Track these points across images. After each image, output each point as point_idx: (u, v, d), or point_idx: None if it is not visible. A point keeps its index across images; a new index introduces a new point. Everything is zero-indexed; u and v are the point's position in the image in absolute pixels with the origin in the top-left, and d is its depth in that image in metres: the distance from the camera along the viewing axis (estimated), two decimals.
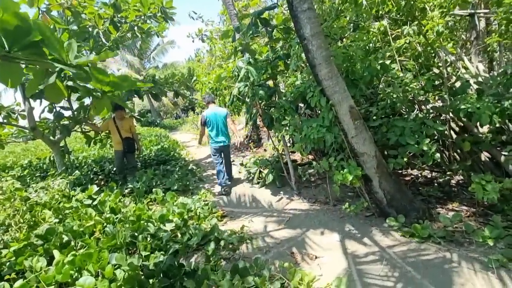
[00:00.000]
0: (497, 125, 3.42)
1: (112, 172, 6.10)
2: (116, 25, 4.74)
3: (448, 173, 3.90)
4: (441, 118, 3.84)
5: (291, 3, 2.79)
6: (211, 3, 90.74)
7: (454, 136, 3.92)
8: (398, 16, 4.19)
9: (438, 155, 3.09)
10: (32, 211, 3.70)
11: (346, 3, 4.49)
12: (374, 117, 3.76)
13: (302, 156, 5.67)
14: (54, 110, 5.63)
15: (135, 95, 5.30)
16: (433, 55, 4.27)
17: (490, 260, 2.31)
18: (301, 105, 5.20)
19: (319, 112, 4.72)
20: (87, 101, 5.81)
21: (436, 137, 3.75)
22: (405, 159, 3.29)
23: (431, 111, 3.79)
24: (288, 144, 5.58)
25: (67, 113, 5.71)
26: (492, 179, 2.80)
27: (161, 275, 2.41)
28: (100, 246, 2.85)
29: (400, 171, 4.53)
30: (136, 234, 3.11)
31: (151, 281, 2.34)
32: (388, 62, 3.71)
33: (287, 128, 3.83)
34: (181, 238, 3.17)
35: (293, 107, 4.00)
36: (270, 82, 4.78)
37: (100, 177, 6.00)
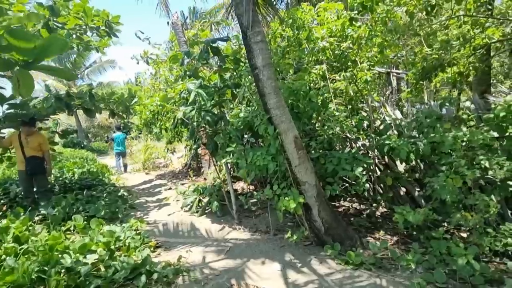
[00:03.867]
0: (413, 163, 4.00)
1: (20, 196, 5.14)
2: (51, 30, 4.27)
3: (374, 205, 4.31)
4: (369, 155, 4.33)
5: (246, 34, 2.95)
6: (158, 28, 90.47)
7: (379, 172, 4.43)
8: (335, 63, 4.76)
9: (367, 185, 3.41)
10: None
11: (291, 46, 4.95)
12: (313, 151, 4.04)
13: (246, 182, 5.66)
14: None
15: (65, 109, 4.70)
16: (362, 100, 4.90)
17: (413, 284, 2.53)
18: (245, 135, 5.32)
19: (262, 144, 4.89)
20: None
21: (364, 172, 4.18)
22: (339, 190, 3.56)
23: (361, 148, 4.24)
24: (231, 173, 5.53)
25: None
26: (411, 210, 3.18)
27: None
28: None
29: (333, 203, 4.84)
30: (46, 268, 2.59)
31: None
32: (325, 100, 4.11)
33: (232, 155, 3.83)
34: (105, 272, 2.74)
35: (239, 135, 4.05)
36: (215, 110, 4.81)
37: (2, 201, 4.98)
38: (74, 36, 4.73)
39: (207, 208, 4.75)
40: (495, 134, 3.17)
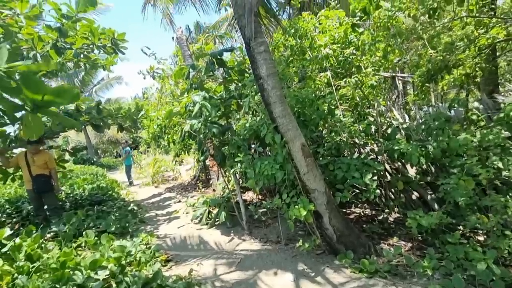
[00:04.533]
0: (424, 166, 3.93)
1: (32, 214, 5.20)
2: (59, 50, 4.40)
3: (386, 210, 4.23)
4: (378, 160, 4.27)
5: (249, 45, 3.00)
6: (163, 40, 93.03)
7: (389, 177, 4.35)
8: (339, 70, 4.77)
9: (378, 191, 3.36)
10: None
11: (295, 55, 4.99)
12: (321, 158, 4.01)
13: (255, 192, 5.64)
14: None
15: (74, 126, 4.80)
16: (368, 106, 4.88)
17: None
18: (252, 145, 5.34)
19: (269, 152, 4.88)
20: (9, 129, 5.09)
21: (374, 178, 4.12)
22: (349, 196, 3.51)
23: (370, 153, 4.19)
24: (239, 183, 5.52)
25: None
26: (424, 214, 3.10)
27: None
28: None
29: (344, 210, 4.76)
30: (58, 285, 2.59)
31: None
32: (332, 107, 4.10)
33: (240, 165, 3.83)
34: None
35: (246, 145, 4.06)
36: (221, 121, 4.84)
37: (15, 219, 5.05)
38: (81, 55, 4.86)
39: (217, 219, 4.73)
40: (507, 134, 3.11)
